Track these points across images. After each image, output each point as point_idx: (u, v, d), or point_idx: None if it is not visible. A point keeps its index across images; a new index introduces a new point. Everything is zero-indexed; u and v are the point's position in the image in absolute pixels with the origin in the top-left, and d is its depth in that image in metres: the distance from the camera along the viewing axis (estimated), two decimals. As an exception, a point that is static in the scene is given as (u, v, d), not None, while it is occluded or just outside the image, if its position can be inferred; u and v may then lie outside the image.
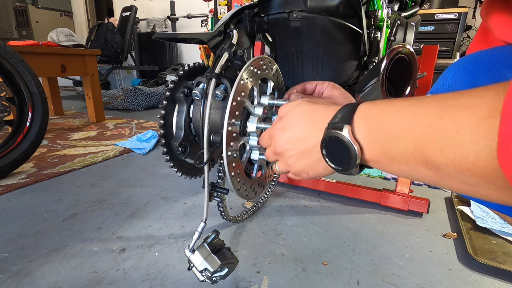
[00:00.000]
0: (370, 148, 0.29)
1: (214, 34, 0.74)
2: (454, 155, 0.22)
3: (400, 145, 0.26)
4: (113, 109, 2.88)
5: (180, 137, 0.58)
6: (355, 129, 0.30)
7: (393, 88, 0.81)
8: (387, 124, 0.27)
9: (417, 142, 0.25)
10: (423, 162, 0.25)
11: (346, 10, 0.76)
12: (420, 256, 0.77)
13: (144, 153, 1.55)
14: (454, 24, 2.49)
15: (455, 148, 0.22)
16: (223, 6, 2.94)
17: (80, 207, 0.99)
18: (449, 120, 0.22)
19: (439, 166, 0.24)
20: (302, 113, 0.38)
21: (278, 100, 0.53)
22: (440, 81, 0.40)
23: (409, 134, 0.25)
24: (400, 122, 0.26)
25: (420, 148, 0.24)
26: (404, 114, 0.26)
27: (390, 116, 0.27)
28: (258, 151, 0.53)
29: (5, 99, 1.20)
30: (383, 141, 0.28)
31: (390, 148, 0.27)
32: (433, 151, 0.23)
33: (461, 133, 0.21)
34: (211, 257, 0.50)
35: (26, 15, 4.49)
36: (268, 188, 1.05)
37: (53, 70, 1.92)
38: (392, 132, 0.27)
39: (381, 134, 0.28)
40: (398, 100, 0.28)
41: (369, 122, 0.29)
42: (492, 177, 0.20)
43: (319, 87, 0.54)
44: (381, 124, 0.28)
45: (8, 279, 0.66)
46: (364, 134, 0.29)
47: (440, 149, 0.23)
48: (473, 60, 0.37)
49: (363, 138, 0.29)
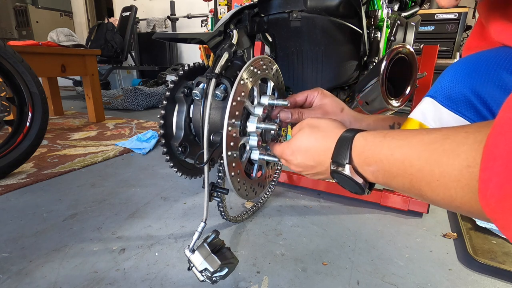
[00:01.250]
0: (374, 179, 0.34)
1: (214, 34, 0.74)
2: (444, 195, 0.25)
3: (398, 181, 0.30)
4: (113, 109, 2.88)
5: (180, 137, 0.58)
6: (356, 166, 0.34)
7: (393, 88, 0.81)
8: (384, 165, 0.31)
9: (411, 181, 0.28)
10: (420, 195, 0.29)
11: (346, 10, 0.76)
12: (420, 256, 0.77)
13: (144, 153, 1.55)
14: (454, 24, 2.49)
15: (444, 190, 0.25)
16: (223, 6, 2.94)
17: (80, 207, 0.99)
18: (435, 166, 0.25)
19: (433, 200, 0.27)
20: (305, 143, 0.42)
21: (278, 100, 0.53)
22: (438, 83, 0.40)
23: (404, 174, 0.29)
24: (395, 165, 0.30)
25: (415, 185, 0.28)
26: (396, 156, 0.30)
27: (385, 158, 0.31)
28: (258, 151, 0.53)
29: (5, 99, 1.20)
30: (384, 178, 0.32)
31: (390, 183, 0.32)
32: (426, 189, 0.27)
33: (446, 178, 0.24)
34: (211, 257, 0.50)
35: (26, 15, 4.49)
36: (268, 188, 1.05)
37: (53, 70, 1.92)
38: (390, 172, 0.31)
39: (381, 173, 0.32)
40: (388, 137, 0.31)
41: (368, 161, 0.33)
42: (479, 214, 0.23)
43: (310, 97, 0.55)
44: (379, 165, 0.32)
45: (8, 279, 0.66)
46: (366, 172, 0.34)
47: (431, 189, 0.26)
48: (471, 62, 0.37)
49: (365, 174, 0.34)
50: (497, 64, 0.34)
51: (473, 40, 0.43)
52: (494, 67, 0.34)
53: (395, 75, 0.77)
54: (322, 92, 0.54)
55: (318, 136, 0.41)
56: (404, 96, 0.79)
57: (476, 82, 0.35)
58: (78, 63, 2.08)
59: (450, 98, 0.37)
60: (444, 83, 0.39)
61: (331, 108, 0.53)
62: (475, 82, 0.35)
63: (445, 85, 0.39)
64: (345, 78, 0.86)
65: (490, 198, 0.19)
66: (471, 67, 0.36)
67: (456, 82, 0.37)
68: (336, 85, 0.87)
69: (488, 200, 0.19)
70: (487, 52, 0.36)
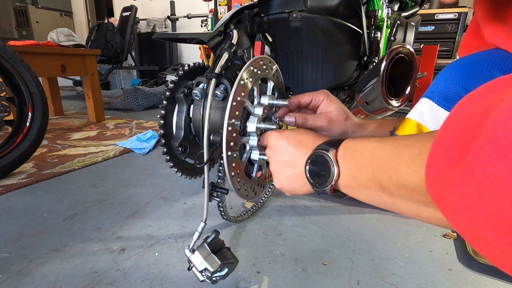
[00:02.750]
0: (343, 172, 0.35)
1: (214, 34, 0.74)
2: (397, 183, 0.27)
3: (364, 172, 0.32)
4: (113, 109, 2.88)
5: (180, 137, 0.58)
6: (337, 153, 0.35)
7: (393, 88, 0.81)
8: (357, 154, 0.33)
9: (374, 170, 0.30)
10: (379, 187, 0.30)
11: (346, 10, 0.76)
12: (420, 256, 0.77)
13: (144, 153, 1.55)
14: (454, 24, 2.49)
15: (398, 177, 0.27)
16: (223, 6, 2.94)
17: (80, 207, 0.99)
18: (395, 155, 0.28)
19: (390, 190, 0.29)
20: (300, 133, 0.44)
21: (278, 100, 0.53)
22: (435, 84, 0.41)
23: (370, 163, 0.31)
24: (365, 154, 0.32)
25: (376, 175, 0.30)
26: (369, 148, 0.32)
27: (360, 149, 0.33)
28: (258, 151, 0.53)
29: (5, 99, 1.20)
30: (353, 167, 0.34)
31: (357, 174, 0.33)
32: (384, 178, 0.29)
33: (401, 165, 0.27)
34: (211, 257, 0.50)
35: (26, 15, 4.49)
36: (268, 188, 1.05)
37: (53, 70, 1.92)
38: (359, 161, 0.33)
39: (352, 162, 0.34)
40: (372, 138, 0.34)
41: (347, 151, 0.35)
42: (426, 199, 0.25)
43: (315, 100, 0.54)
44: (354, 154, 0.34)
45: (8, 279, 0.66)
46: (342, 160, 0.35)
47: (388, 177, 0.28)
48: (465, 63, 0.38)
49: (341, 163, 0.35)
50: (491, 65, 0.36)
51: (468, 38, 0.45)
52: (488, 68, 0.36)
53: (395, 75, 0.77)
54: (328, 97, 0.53)
55: (315, 133, 0.44)
56: (404, 96, 0.79)
57: (470, 82, 0.37)
58: (78, 63, 2.08)
59: (446, 99, 0.39)
60: (440, 84, 0.40)
61: (336, 116, 0.52)
62: (470, 83, 0.37)
63: (441, 85, 0.40)
64: (345, 78, 0.86)
65: (432, 180, 0.21)
66: (466, 68, 0.38)
67: (452, 83, 0.39)
68: (336, 85, 0.87)
69: (431, 182, 0.21)
70: (481, 53, 0.38)
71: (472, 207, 0.17)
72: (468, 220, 0.18)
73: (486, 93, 0.21)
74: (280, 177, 0.44)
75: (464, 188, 0.17)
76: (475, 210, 0.17)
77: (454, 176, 0.18)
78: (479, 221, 0.17)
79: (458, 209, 0.18)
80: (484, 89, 0.21)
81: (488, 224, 0.16)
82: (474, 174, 0.17)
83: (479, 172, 0.16)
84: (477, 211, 0.17)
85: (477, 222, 0.17)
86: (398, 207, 0.30)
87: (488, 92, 0.21)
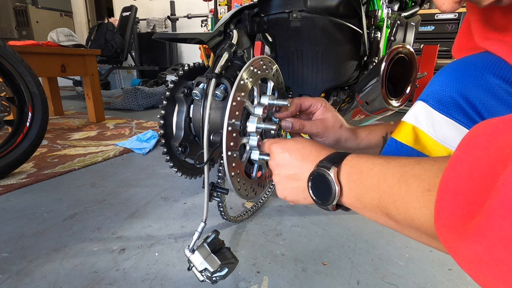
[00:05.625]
0: (347, 192, 0.34)
1: (214, 34, 0.74)
2: (406, 215, 0.27)
3: (369, 196, 0.31)
4: (113, 109, 2.88)
5: (180, 137, 0.58)
6: (340, 172, 0.35)
7: (393, 88, 0.81)
8: (363, 176, 0.32)
9: (381, 197, 0.30)
10: (385, 214, 0.30)
11: (346, 10, 0.76)
12: (420, 256, 0.77)
13: (144, 153, 1.55)
14: (454, 24, 2.49)
15: (406, 209, 0.26)
16: (223, 6, 2.94)
17: (80, 207, 0.99)
18: (403, 185, 0.27)
19: (397, 220, 0.28)
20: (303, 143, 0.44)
21: (278, 100, 0.53)
22: (429, 88, 0.42)
23: (376, 189, 0.30)
24: (371, 178, 0.31)
25: (383, 203, 0.29)
26: (375, 171, 0.31)
27: (366, 171, 0.32)
28: (258, 151, 0.53)
29: (5, 99, 1.20)
30: (358, 189, 0.33)
31: (362, 196, 0.32)
32: (391, 207, 0.28)
33: (409, 197, 0.26)
34: (211, 257, 0.50)
35: (26, 15, 4.49)
36: (268, 188, 1.05)
37: (53, 70, 1.92)
38: (365, 184, 0.32)
39: (357, 183, 0.33)
40: (372, 157, 0.33)
41: (351, 170, 0.34)
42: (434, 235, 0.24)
43: (313, 106, 0.56)
44: (359, 175, 0.33)
45: (8, 279, 0.66)
46: (346, 180, 0.34)
47: (395, 208, 0.28)
48: (459, 67, 0.39)
49: (344, 183, 0.34)
50: (484, 69, 0.36)
51: (462, 39, 0.45)
52: (481, 71, 0.36)
53: (395, 75, 0.77)
54: (325, 105, 0.56)
55: (317, 144, 0.43)
56: (404, 96, 0.79)
57: (464, 86, 0.38)
58: (78, 63, 2.08)
59: (440, 102, 0.40)
60: (435, 87, 0.41)
61: (332, 123, 0.55)
62: (463, 86, 0.38)
63: (436, 89, 0.41)
64: (345, 78, 0.86)
65: (442, 228, 0.21)
66: (460, 71, 0.39)
67: (446, 86, 0.39)
68: (336, 85, 0.87)
69: (441, 229, 0.21)
70: (474, 57, 0.39)
71: (484, 263, 0.17)
72: (480, 272, 0.18)
73: (492, 136, 0.21)
74: (283, 189, 0.44)
75: (476, 247, 0.18)
76: (487, 266, 0.17)
77: (465, 232, 0.19)
78: (491, 275, 0.17)
79: (470, 261, 0.18)
80: (489, 130, 0.21)
81: (502, 280, 0.17)
82: (486, 236, 0.17)
83: (492, 235, 0.17)
84: (489, 267, 0.17)
85: (490, 276, 0.17)
86: (405, 233, 0.30)
87: (494, 135, 0.20)
